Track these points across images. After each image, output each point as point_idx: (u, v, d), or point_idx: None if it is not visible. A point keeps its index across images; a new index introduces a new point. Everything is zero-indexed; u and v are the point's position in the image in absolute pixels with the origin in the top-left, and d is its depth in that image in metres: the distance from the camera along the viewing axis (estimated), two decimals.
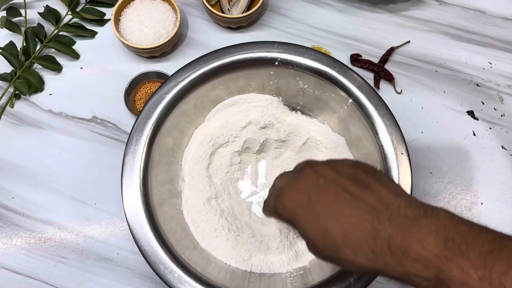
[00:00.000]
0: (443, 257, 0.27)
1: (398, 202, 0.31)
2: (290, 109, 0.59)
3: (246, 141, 0.57)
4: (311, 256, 0.53)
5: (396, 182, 0.49)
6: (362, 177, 0.33)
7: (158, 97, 0.52)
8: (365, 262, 0.30)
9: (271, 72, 0.55)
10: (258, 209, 0.58)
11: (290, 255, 0.53)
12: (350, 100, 0.53)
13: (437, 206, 0.30)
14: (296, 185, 0.35)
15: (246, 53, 0.54)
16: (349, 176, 0.33)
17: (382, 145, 0.51)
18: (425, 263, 0.28)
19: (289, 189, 0.35)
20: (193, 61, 0.54)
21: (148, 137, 0.51)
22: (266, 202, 0.41)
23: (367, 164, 0.36)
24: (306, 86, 0.56)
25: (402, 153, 0.50)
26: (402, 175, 0.50)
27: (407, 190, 0.49)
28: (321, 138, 0.58)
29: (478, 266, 0.26)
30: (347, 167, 0.35)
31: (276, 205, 0.36)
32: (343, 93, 0.53)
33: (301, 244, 0.54)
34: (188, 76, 0.53)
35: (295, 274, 0.52)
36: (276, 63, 0.54)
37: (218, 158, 0.57)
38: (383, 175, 0.36)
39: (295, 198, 0.34)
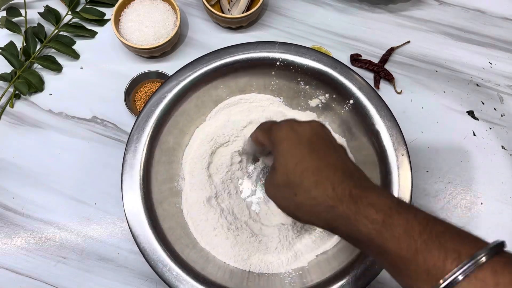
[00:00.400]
0: (394, 210, 0.32)
1: (371, 183, 0.36)
2: (291, 109, 0.59)
3: None
4: (310, 257, 0.53)
5: (396, 183, 0.50)
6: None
7: (159, 95, 0.52)
8: (321, 194, 0.34)
9: (273, 72, 0.55)
10: (257, 208, 0.58)
11: (289, 255, 0.53)
12: (351, 101, 0.53)
13: None
14: (303, 123, 0.39)
15: (248, 53, 0.54)
16: (343, 146, 0.39)
17: (382, 146, 0.51)
18: (377, 208, 0.32)
19: (296, 122, 0.39)
20: (194, 60, 0.54)
21: (149, 136, 0.51)
22: (264, 122, 0.44)
23: None
24: (307, 86, 0.56)
25: (402, 155, 0.50)
26: (402, 177, 0.50)
27: (407, 191, 0.49)
28: None
29: (421, 222, 0.31)
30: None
31: (273, 125, 0.40)
32: (344, 94, 0.53)
33: (300, 245, 0.54)
34: (190, 75, 0.53)
35: (293, 274, 0.52)
36: (278, 63, 0.54)
37: (218, 157, 0.57)
38: None
39: (297, 129, 0.38)
